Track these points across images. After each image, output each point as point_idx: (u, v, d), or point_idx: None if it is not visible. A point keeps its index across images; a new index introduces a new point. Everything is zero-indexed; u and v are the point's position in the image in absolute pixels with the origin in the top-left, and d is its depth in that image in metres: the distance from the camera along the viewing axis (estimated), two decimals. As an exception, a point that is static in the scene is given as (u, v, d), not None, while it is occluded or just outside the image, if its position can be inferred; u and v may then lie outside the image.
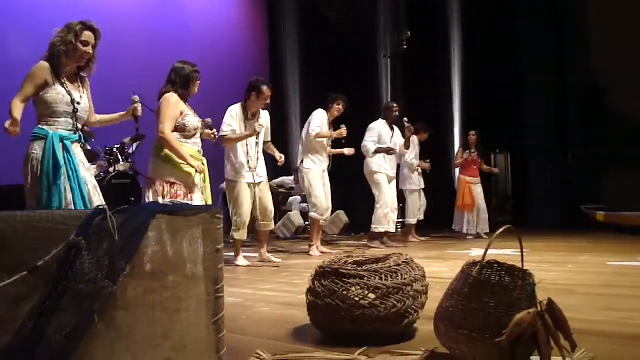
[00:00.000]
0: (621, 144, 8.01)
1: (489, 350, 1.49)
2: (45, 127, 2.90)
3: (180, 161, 3.73)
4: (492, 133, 7.74)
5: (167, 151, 3.75)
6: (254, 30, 10.86)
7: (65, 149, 2.88)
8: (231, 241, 4.90)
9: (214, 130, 4.13)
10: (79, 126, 3.02)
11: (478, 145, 7.46)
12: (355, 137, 6.48)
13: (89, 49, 2.95)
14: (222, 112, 4.84)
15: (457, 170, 7.81)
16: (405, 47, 9.02)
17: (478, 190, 7.42)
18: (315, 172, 5.77)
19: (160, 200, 3.62)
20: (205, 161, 3.95)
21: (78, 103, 2.96)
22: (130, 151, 6.53)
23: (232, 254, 4.85)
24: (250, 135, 4.88)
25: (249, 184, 4.92)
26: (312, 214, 5.78)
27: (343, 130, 5.77)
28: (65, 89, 2.92)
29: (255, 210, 4.96)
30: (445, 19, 10.34)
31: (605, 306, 2.59)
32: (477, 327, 1.52)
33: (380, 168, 6.40)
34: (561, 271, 3.88)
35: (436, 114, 9.59)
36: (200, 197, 3.83)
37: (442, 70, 10.33)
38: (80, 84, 3.06)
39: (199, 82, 4.02)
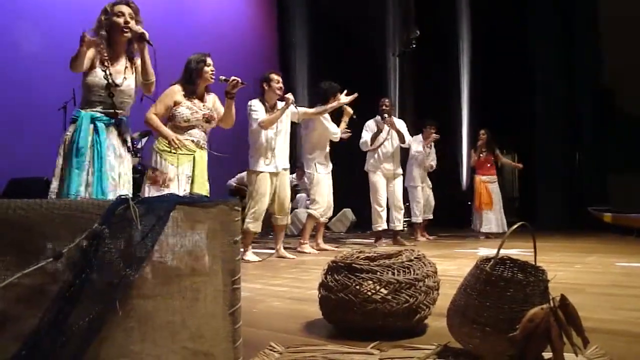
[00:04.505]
0: (630, 145, 7.99)
1: (501, 345, 1.50)
2: (80, 110, 2.98)
3: (163, 149, 3.83)
4: (500, 133, 7.74)
5: (157, 139, 3.91)
6: (263, 29, 10.90)
7: (96, 130, 2.93)
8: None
9: (230, 78, 4.07)
10: (119, 110, 3.07)
11: (489, 143, 7.48)
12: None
13: (123, 19, 3.00)
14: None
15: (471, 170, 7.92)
16: (414, 46, 9.02)
17: (494, 189, 7.45)
18: (324, 172, 5.81)
19: (146, 188, 3.77)
20: (202, 153, 3.98)
21: (116, 85, 3.00)
22: (139, 146, 6.56)
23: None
24: (286, 108, 5.02)
25: (270, 174, 5.00)
26: (312, 211, 5.79)
27: (349, 110, 5.81)
28: (106, 73, 2.97)
29: (272, 203, 5.02)
30: (454, 19, 10.36)
31: (615, 305, 2.59)
32: (490, 322, 1.54)
33: (374, 167, 6.41)
34: (569, 271, 3.88)
35: (445, 113, 9.60)
36: (182, 188, 3.82)
37: (451, 69, 10.35)
38: (128, 66, 3.10)
39: (208, 68, 4.05)
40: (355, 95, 5.68)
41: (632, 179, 7.72)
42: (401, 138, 6.48)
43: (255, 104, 5.06)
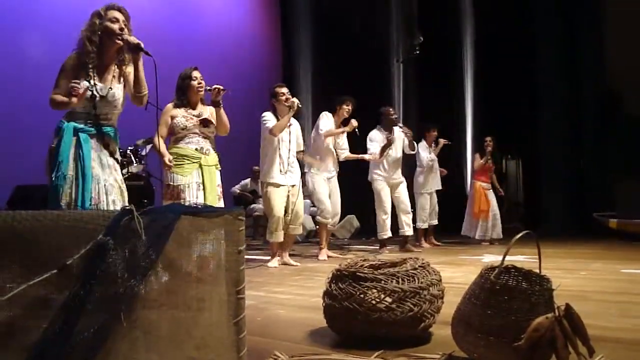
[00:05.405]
0: (635, 150, 7.95)
1: (507, 355, 1.50)
2: (64, 120, 2.91)
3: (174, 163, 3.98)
4: (504, 139, 7.71)
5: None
6: (267, 35, 10.93)
7: (79, 142, 2.86)
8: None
9: (214, 86, 4.16)
10: (105, 120, 2.98)
11: (494, 151, 7.44)
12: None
13: (117, 26, 2.90)
14: (234, 117, 4.86)
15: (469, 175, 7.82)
16: (418, 52, 9.03)
17: (490, 196, 7.41)
18: (320, 178, 5.82)
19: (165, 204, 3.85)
20: (208, 160, 4.07)
21: (102, 96, 2.92)
22: (144, 153, 6.57)
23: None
24: (293, 112, 5.07)
25: (281, 186, 5.06)
26: (319, 218, 5.85)
27: (353, 122, 5.81)
28: (90, 82, 2.89)
29: (287, 213, 5.07)
30: (456, 23, 10.35)
31: (620, 313, 2.58)
32: (495, 332, 1.53)
33: (377, 175, 6.42)
34: (574, 278, 3.86)
35: (449, 119, 9.58)
36: (194, 195, 3.98)
37: (455, 75, 10.34)
38: (116, 75, 3.01)
39: (194, 82, 4.14)
40: (356, 124, 5.82)
41: (636, 183, 7.68)
42: (412, 146, 6.53)
43: (267, 115, 5.17)
